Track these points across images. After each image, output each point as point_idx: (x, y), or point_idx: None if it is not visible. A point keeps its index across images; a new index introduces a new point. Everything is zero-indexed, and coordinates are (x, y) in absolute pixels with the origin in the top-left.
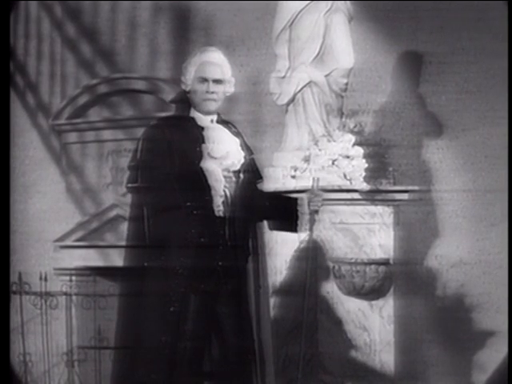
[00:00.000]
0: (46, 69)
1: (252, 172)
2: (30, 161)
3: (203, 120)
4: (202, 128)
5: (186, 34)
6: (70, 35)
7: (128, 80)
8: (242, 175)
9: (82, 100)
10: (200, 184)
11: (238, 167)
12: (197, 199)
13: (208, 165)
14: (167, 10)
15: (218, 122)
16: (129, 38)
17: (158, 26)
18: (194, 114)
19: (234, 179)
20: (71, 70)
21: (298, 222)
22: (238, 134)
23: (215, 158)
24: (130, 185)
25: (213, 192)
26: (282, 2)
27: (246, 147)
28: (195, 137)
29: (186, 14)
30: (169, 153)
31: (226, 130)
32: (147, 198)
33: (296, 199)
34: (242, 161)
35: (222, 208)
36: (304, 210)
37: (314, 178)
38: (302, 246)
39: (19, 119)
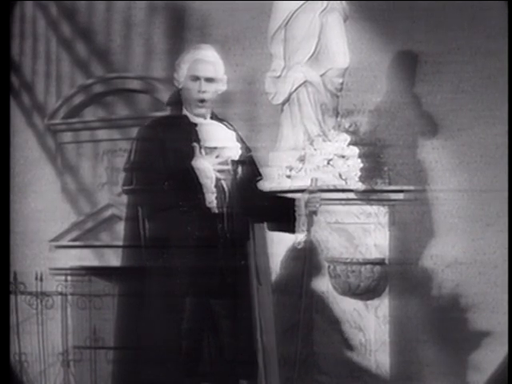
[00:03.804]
0: (41, 68)
1: (251, 169)
2: (25, 160)
3: (196, 117)
4: (196, 124)
5: (182, 33)
6: (66, 35)
7: (123, 80)
8: (239, 169)
9: (78, 100)
10: (192, 183)
11: (236, 158)
12: (190, 198)
13: (198, 162)
14: (162, 10)
15: (211, 118)
16: (124, 37)
17: (154, 26)
18: (187, 111)
19: (231, 172)
20: (66, 70)
21: (296, 223)
22: (233, 130)
23: (211, 150)
24: (125, 187)
25: (204, 189)
26: (278, 1)
27: (243, 143)
28: (188, 135)
29: (181, 13)
30: (162, 153)
31: (220, 125)
32: (142, 199)
33: (294, 200)
34: (240, 152)
35: (214, 204)
36: (301, 211)
37: (312, 179)
38: (300, 246)
39: (14, 119)
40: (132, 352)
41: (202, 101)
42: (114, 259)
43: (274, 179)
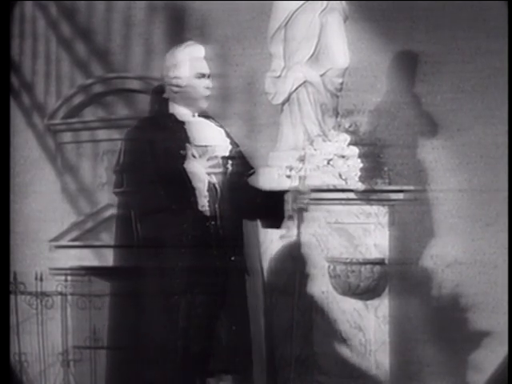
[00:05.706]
0: (41, 68)
1: (241, 163)
2: (25, 161)
3: (184, 115)
4: (183, 123)
5: (181, 33)
6: (65, 35)
7: (123, 80)
8: (229, 166)
9: (77, 100)
10: (184, 186)
11: (226, 153)
12: (183, 200)
13: (191, 166)
14: (162, 10)
15: (199, 115)
16: (124, 37)
17: (153, 26)
18: (174, 109)
19: (222, 170)
20: (66, 70)
21: (284, 220)
22: (220, 126)
23: (202, 150)
24: (116, 189)
25: (197, 193)
26: (278, 1)
27: (231, 139)
28: (177, 133)
29: (180, 13)
30: (151, 154)
31: (208, 122)
32: (134, 201)
33: (282, 194)
34: (230, 147)
35: (207, 208)
36: (288, 207)
37: (300, 177)
38: (284, 239)
39: (14, 119)
40: (128, 352)
41: (208, 97)
42: None
43: (274, 179)
